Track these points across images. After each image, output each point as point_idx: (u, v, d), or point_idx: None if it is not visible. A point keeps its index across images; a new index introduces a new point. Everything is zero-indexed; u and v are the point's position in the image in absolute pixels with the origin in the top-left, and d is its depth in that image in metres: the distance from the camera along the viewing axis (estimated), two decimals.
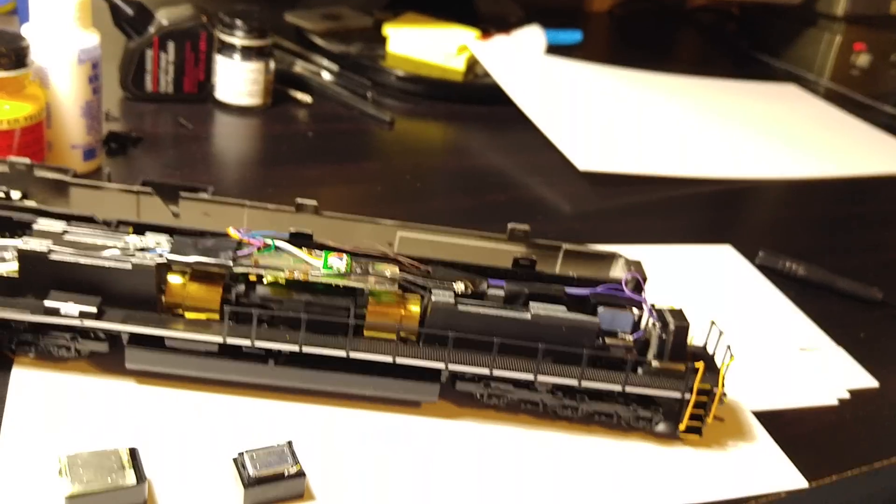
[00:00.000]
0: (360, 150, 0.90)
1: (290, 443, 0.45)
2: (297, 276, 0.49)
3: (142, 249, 0.49)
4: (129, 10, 0.84)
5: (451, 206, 0.81)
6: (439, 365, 0.50)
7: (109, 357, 0.51)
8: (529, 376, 0.50)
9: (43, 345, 0.50)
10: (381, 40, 1.06)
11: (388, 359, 0.49)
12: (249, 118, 0.89)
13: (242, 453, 0.44)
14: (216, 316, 0.49)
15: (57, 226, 0.51)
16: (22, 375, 0.50)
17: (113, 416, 0.48)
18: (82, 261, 0.47)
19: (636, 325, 0.54)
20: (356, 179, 0.82)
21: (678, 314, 0.53)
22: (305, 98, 0.94)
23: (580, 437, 0.53)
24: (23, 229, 0.53)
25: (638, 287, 0.55)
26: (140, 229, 0.53)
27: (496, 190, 0.86)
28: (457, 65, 1.04)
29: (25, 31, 0.68)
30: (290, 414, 0.51)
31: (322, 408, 0.52)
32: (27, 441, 0.46)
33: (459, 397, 0.53)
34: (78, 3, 0.67)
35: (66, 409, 0.48)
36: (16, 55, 0.63)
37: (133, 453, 0.43)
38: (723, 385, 0.52)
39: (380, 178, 0.84)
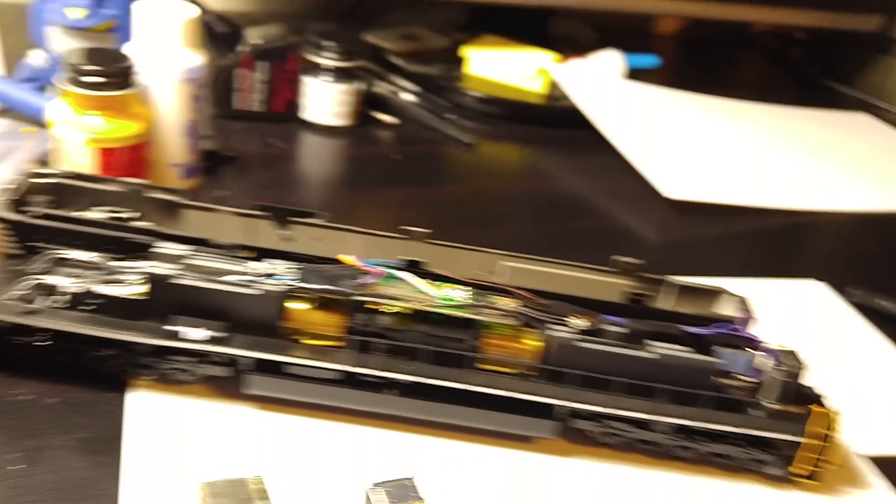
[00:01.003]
0: (443, 172, 0.90)
1: (412, 479, 0.45)
2: (419, 306, 0.49)
3: (267, 275, 0.49)
4: (220, 28, 0.84)
5: (536, 232, 0.81)
6: (558, 402, 0.50)
7: (224, 381, 0.51)
8: (649, 416, 0.50)
9: (161, 368, 0.50)
10: (458, 61, 1.06)
11: (507, 393, 0.49)
12: (336, 139, 0.89)
13: (376, 485, 0.44)
14: (336, 343, 0.49)
15: (177, 249, 0.51)
16: (138, 398, 0.50)
17: (234, 443, 0.48)
18: (209, 286, 0.48)
19: (751, 366, 0.53)
20: (441, 203, 0.82)
21: (791, 355, 0.53)
22: (391, 120, 0.94)
23: (692, 477, 0.53)
24: (136, 251, 0.53)
25: (746, 325, 0.55)
26: (257, 253, 0.53)
27: (580, 216, 0.85)
28: (536, 87, 1.04)
29: (128, 49, 0.68)
30: (403, 445, 0.50)
31: (431, 439, 0.51)
32: (151, 465, 0.46)
33: (572, 434, 0.53)
34: (185, 23, 0.68)
35: (187, 433, 0.48)
36: (123, 75, 0.64)
37: (264, 483, 0.43)
38: (839, 429, 0.51)
39: (464, 201, 0.84)
